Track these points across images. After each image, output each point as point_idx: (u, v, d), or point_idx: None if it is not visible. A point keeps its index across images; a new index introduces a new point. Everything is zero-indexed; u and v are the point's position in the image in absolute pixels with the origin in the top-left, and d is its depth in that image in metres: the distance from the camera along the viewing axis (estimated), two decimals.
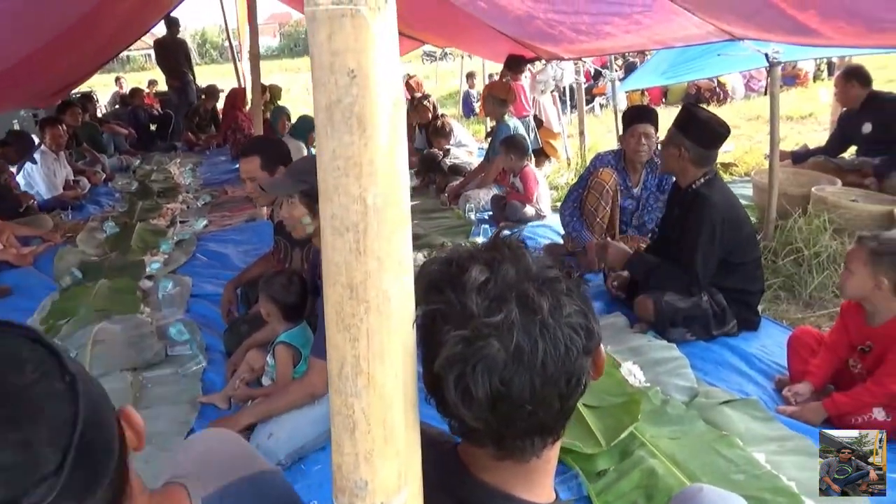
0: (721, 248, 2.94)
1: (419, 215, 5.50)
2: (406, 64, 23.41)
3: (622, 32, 4.11)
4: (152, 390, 3.02)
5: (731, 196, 3.05)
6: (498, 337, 0.77)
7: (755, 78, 10.86)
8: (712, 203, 2.91)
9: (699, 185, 3.00)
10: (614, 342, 3.03)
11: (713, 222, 2.89)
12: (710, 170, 3.03)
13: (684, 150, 2.96)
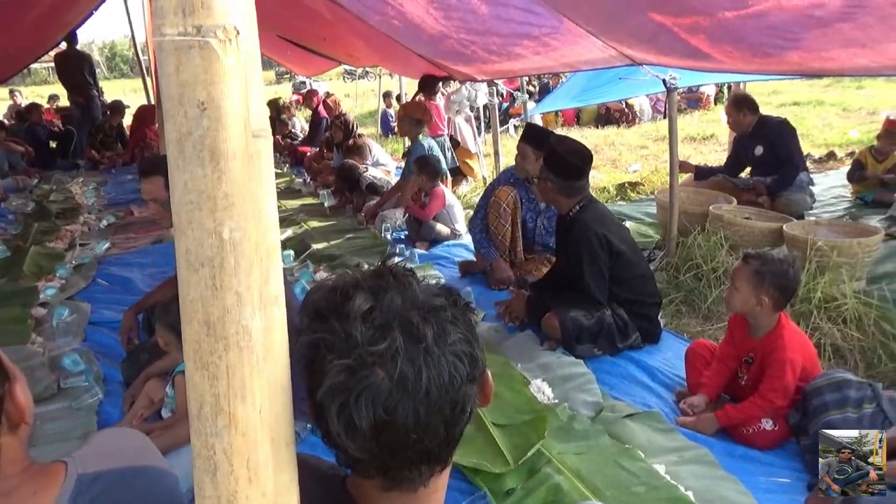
0: (605, 263, 3.09)
1: (335, 235, 5.44)
2: (326, 82, 23.34)
3: (532, 54, 4.23)
4: (41, 427, 2.82)
5: (606, 217, 3.24)
6: (382, 365, 0.76)
7: (661, 100, 11.40)
8: (586, 225, 3.08)
9: (575, 213, 3.17)
10: (524, 359, 3.08)
11: (589, 241, 3.06)
12: (585, 197, 3.19)
13: (550, 184, 3.15)
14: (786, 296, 2.43)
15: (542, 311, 3.24)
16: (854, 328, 3.08)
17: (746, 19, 2.24)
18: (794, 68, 2.64)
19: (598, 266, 3.07)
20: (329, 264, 4.72)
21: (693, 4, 2.32)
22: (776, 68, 2.74)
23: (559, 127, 10.80)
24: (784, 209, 5.10)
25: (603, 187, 6.38)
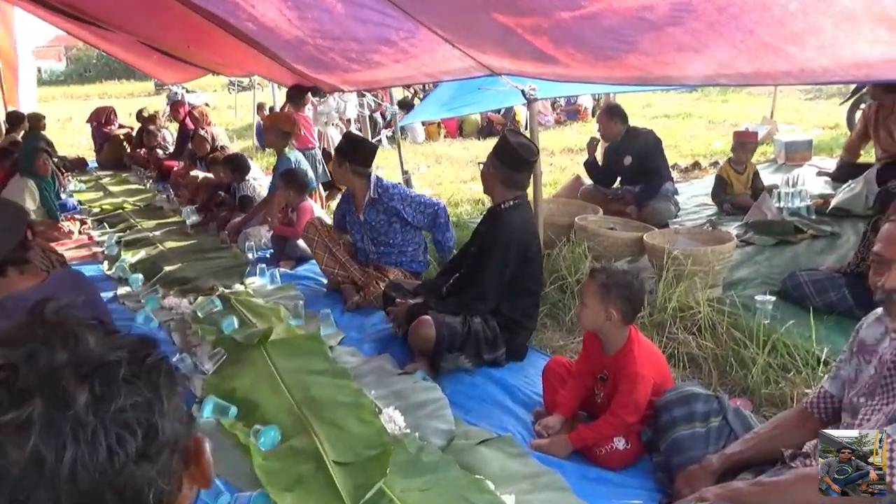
0: (511, 270, 2.97)
1: (193, 256, 5.04)
2: (209, 93, 22.28)
3: (392, 62, 4.06)
4: None
5: (531, 226, 3.15)
6: (10, 441, 0.58)
7: (542, 113, 11.63)
8: (510, 224, 2.99)
9: (506, 208, 3.06)
10: (379, 385, 2.87)
11: (507, 242, 2.95)
12: (521, 196, 3.10)
13: (493, 169, 3.07)
14: (633, 308, 2.36)
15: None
16: (708, 336, 3.09)
17: (582, 21, 2.17)
18: (639, 73, 2.62)
19: (504, 270, 2.97)
20: (181, 288, 4.32)
21: (531, 5, 2.23)
22: (622, 74, 2.71)
23: (442, 138, 10.77)
24: (650, 218, 5.20)
25: (477, 199, 6.31)
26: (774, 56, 1.89)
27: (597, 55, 2.54)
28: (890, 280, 1.61)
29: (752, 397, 2.70)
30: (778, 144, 7.40)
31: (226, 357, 3.22)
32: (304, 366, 3.05)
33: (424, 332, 2.90)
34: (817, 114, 10.74)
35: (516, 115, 11.01)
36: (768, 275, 3.99)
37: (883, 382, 1.76)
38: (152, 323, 3.80)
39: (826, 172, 6.46)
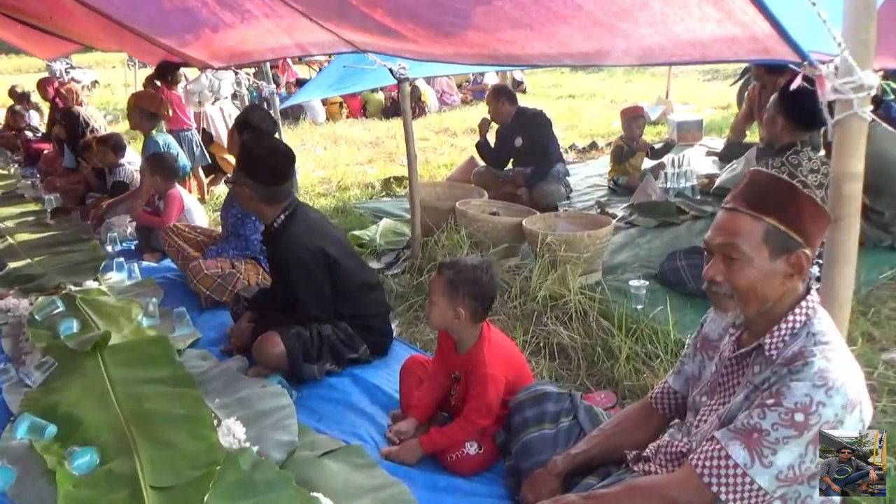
0: (323, 276, 2.74)
1: (44, 250, 4.58)
2: (109, 70, 20.55)
3: (262, 15, 3.62)
4: None
5: (317, 224, 2.86)
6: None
7: (447, 92, 11.46)
8: (293, 238, 2.72)
9: (280, 223, 2.78)
10: (225, 393, 2.61)
11: (300, 257, 2.69)
12: (290, 203, 2.81)
13: (250, 191, 2.74)
14: (483, 305, 2.21)
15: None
16: (578, 326, 3.00)
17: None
18: (486, 51, 2.45)
19: (315, 281, 2.71)
20: (23, 287, 3.89)
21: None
22: (469, 51, 2.54)
23: (344, 119, 10.41)
24: (540, 200, 5.12)
25: (368, 183, 6.07)
26: (610, 34, 1.76)
27: (437, 31, 2.36)
28: (708, 270, 1.52)
29: (616, 389, 2.62)
30: (671, 124, 7.51)
31: (55, 366, 2.87)
32: (144, 374, 2.76)
33: (270, 349, 2.64)
34: (712, 94, 11.04)
35: (422, 96, 10.78)
36: (647, 258, 3.97)
37: (721, 381, 1.67)
38: None
39: (714, 152, 6.59)
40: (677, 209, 4.68)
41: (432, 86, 11.17)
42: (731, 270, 1.49)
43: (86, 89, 17.06)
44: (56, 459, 2.21)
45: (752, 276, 1.46)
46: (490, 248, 3.74)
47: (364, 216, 5.09)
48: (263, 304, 3.07)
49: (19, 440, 2.38)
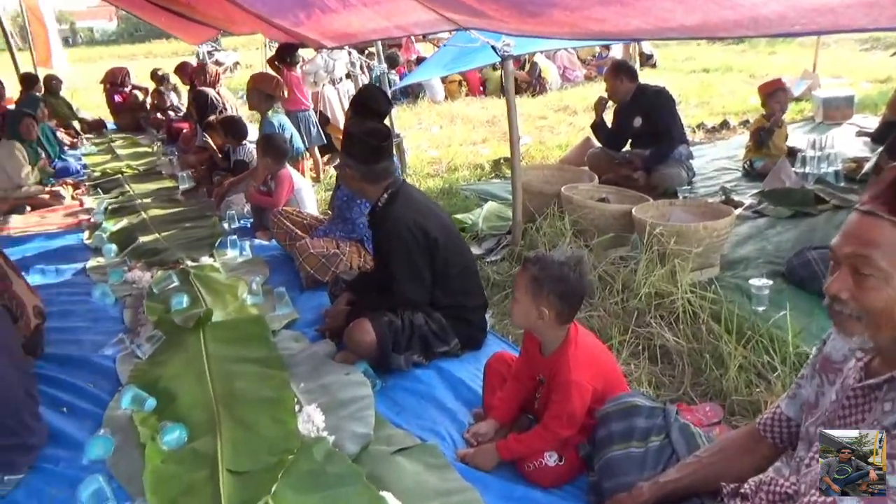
0: (424, 260, 2.66)
1: (171, 225, 4.86)
2: (253, 52, 21.63)
3: (360, 4, 3.63)
4: None
5: (421, 203, 2.77)
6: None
7: (569, 68, 11.04)
8: (395, 217, 2.66)
9: (383, 203, 2.73)
10: (310, 377, 2.62)
11: (401, 236, 2.63)
12: (393, 182, 2.76)
13: (351, 170, 2.75)
14: (569, 305, 2.03)
15: None
16: (686, 328, 2.73)
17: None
18: (576, 30, 2.22)
19: (414, 262, 2.64)
20: (148, 260, 4.15)
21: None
22: (559, 30, 2.32)
23: (463, 97, 10.32)
24: (658, 184, 4.79)
25: (478, 164, 5.94)
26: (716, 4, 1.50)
27: (520, 10, 2.17)
28: (832, 284, 1.25)
29: (724, 402, 2.36)
30: (815, 101, 6.75)
31: (163, 340, 3.02)
32: (239, 353, 2.83)
33: (361, 336, 2.60)
34: (869, 66, 9.83)
35: (542, 72, 10.46)
36: (775, 253, 3.56)
37: (841, 413, 1.41)
38: (108, 298, 3.63)
39: (866, 132, 5.85)
40: (815, 197, 4.17)
41: (553, 61, 10.78)
42: (861, 288, 1.22)
43: (228, 71, 18.19)
44: (150, 433, 2.30)
45: (889, 297, 1.19)
46: (595, 237, 3.50)
47: (470, 199, 4.97)
48: (362, 286, 3.05)
49: (123, 410, 2.51)
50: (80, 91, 14.87)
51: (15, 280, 2.91)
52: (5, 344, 2.25)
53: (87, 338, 3.20)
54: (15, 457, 2.17)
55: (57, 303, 3.60)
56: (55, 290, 3.81)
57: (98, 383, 2.77)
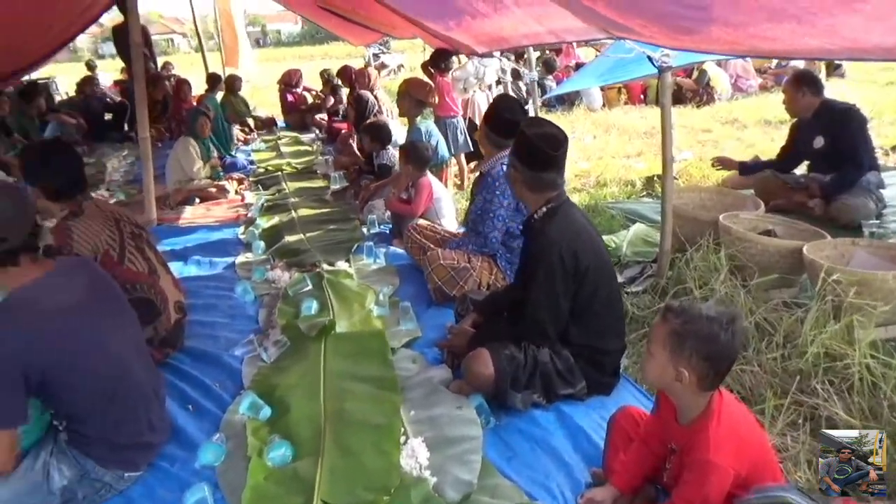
0: (566, 289, 2.42)
1: (318, 226, 4.98)
2: (420, 54, 22.28)
3: (513, 5, 3.47)
4: None
5: (579, 227, 2.49)
6: None
7: (742, 77, 10.13)
8: (548, 237, 2.42)
9: (540, 216, 2.51)
10: (421, 405, 2.50)
11: (549, 259, 2.39)
12: (557, 196, 2.51)
13: (515, 172, 2.53)
14: (716, 370, 1.71)
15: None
16: (863, 400, 2.27)
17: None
18: (733, 48, 1.89)
19: (555, 292, 2.41)
20: (289, 260, 4.27)
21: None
22: (718, 48, 1.97)
23: (622, 105, 9.82)
24: (839, 216, 4.17)
25: (629, 180, 5.54)
26: None
27: (671, 26, 1.87)
28: None
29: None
30: None
31: (288, 346, 3.05)
32: (355, 369, 2.78)
33: (479, 368, 2.42)
34: None
35: (711, 81, 9.67)
36: None
37: None
38: (248, 296, 3.76)
39: None
40: None
41: (725, 69, 9.94)
42: None
43: (392, 72, 18.87)
44: (258, 445, 2.30)
45: None
46: (755, 276, 3.07)
47: (616, 218, 4.62)
48: (490, 309, 2.89)
49: (240, 415, 2.54)
50: (262, 90, 16.08)
51: (163, 275, 3.07)
52: (138, 343, 2.34)
53: (223, 334, 3.31)
54: (138, 455, 2.24)
55: (203, 296, 3.79)
56: (204, 283, 4.02)
57: (224, 384, 2.85)
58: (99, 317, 2.13)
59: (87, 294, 2.11)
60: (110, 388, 2.10)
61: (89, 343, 2.04)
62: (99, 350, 2.08)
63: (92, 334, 2.06)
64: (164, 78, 10.13)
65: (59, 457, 2.10)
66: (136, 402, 2.21)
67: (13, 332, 1.89)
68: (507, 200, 3.34)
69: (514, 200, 3.38)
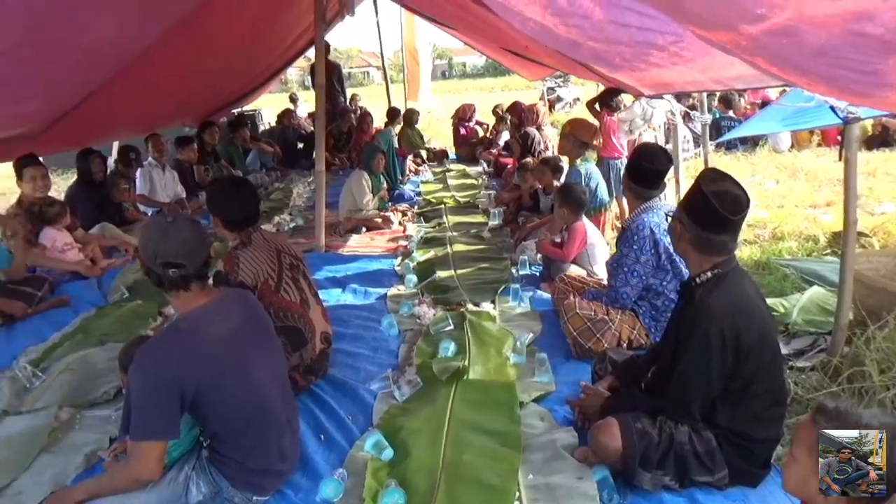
0: (720, 370, 2.19)
1: (470, 263, 5.04)
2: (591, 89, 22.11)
3: (670, 64, 3.36)
4: (71, 433, 2.96)
5: (747, 301, 2.23)
6: None
7: None
8: (710, 309, 2.18)
9: (702, 281, 2.28)
10: (539, 470, 2.40)
11: (707, 336, 2.16)
12: (726, 262, 2.27)
13: (682, 227, 2.31)
14: None
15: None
16: None
17: (775, 38, 1.36)
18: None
19: (708, 373, 2.19)
20: (437, 297, 4.35)
21: (712, 16, 1.50)
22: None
23: (814, 146, 8.89)
24: None
25: (812, 235, 4.96)
26: None
27: (830, 85, 1.62)
28: None
29: None
30: None
31: (421, 387, 3.09)
32: (481, 420, 2.74)
33: (606, 440, 2.27)
34: None
35: None
36: None
37: None
38: (393, 330, 3.88)
39: None
40: None
41: None
42: None
43: (568, 106, 18.82)
44: (375, 488, 2.34)
45: None
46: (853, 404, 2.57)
47: (790, 279, 4.15)
48: (629, 374, 2.72)
49: (364, 453, 2.61)
50: (439, 121, 16.80)
51: (313, 306, 3.27)
52: (279, 373, 2.49)
53: (364, 366, 3.44)
54: (266, 481, 2.37)
55: (352, 325, 3.98)
56: (356, 312, 4.22)
57: (356, 417, 2.95)
58: (247, 345, 2.29)
59: (240, 323, 2.29)
60: (248, 414, 2.25)
61: (236, 369, 2.20)
62: (243, 376, 2.24)
63: (240, 361, 2.22)
64: (351, 111, 10.92)
65: (199, 472, 2.29)
66: (269, 430, 2.34)
67: (179, 351, 2.09)
68: (646, 256, 3.15)
69: (654, 257, 3.18)
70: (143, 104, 6.24)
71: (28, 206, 4.91)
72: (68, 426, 3.03)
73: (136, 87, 5.36)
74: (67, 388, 3.30)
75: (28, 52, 3.44)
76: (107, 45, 4.24)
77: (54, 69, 3.93)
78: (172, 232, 2.10)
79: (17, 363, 3.62)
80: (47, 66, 3.83)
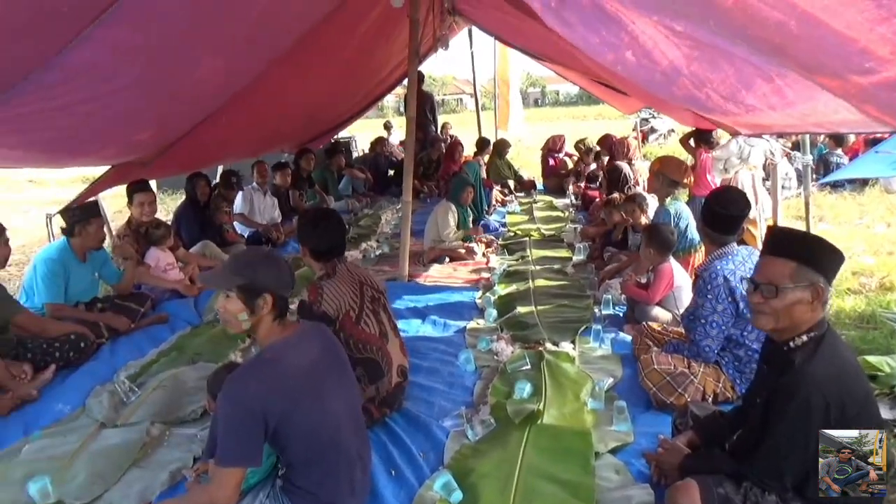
0: (816, 439, 2.00)
1: (549, 299, 4.97)
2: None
3: (766, 107, 3.22)
4: (159, 450, 3.12)
5: (849, 366, 2.07)
6: None
7: None
8: (812, 377, 2.00)
9: (799, 348, 2.11)
10: None
11: (808, 405, 1.97)
12: (821, 323, 2.11)
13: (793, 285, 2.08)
14: None
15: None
16: None
17: (885, 91, 1.27)
18: None
19: (805, 444, 1.99)
20: (515, 333, 4.31)
21: (819, 61, 1.42)
22: None
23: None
24: None
25: None
26: None
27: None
28: None
29: None
30: None
31: (494, 428, 3.06)
32: (553, 468, 2.68)
33: (683, 502, 2.16)
34: None
35: None
36: None
37: None
38: (469, 365, 3.86)
39: None
40: None
41: None
42: None
43: (662, 137, 18.37)
44: None
45: None
46: None
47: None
48: (711, 433, 2.59)
49: (433, 493, 2.60)
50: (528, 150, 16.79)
51: (391, 339, 3.32)
52: (353, 407, 2.54)
53: (438, 401, 3.43)
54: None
55: (430, 358, 4.00)
56: (434, 345, 4.24)
57: (427, 455, 2.95)
58: (325, 378, 2.35)
59: (318, 356, 2.35)
60: (323, 445, 2.30)
61: (314, 400, 2.26)
62: (320, 408, 2.29)
63: (318, 392, 2.28)
64: (441, 140, 11.12)
65: (272, 501, 2.35)
66: (340, 463, 2.38)
67: (265, 380, 2.17)
68: (723, 305, 3.01)
69: (731, 305, 3.02)
70: (247, 132, 6.61)
71: (136, 228, 5.30)
72: (158, 442, 3.19)
73: (241, 116, 5.69)
74: (159, 405, 3.48)
75: (142, 89, 3.72)
76: (215, 79, 4.54)
77: (166, 102, 4.24)
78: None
79: (117, 377, 3.86)
80: (160, 100, 4.13)
